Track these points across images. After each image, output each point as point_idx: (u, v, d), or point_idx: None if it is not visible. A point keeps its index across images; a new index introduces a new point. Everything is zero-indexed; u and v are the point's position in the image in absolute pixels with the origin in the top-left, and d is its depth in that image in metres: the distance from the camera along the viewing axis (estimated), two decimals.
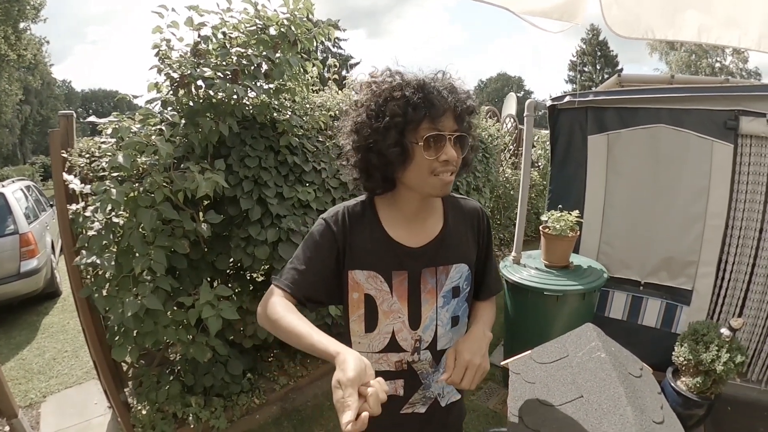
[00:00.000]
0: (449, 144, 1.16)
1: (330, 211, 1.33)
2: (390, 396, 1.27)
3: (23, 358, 4.50)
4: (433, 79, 1.18)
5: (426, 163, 1.16)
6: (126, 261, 2.49)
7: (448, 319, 1.35)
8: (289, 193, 3.02)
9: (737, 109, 3.05)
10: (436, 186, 1.19)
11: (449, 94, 1.15)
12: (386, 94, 1.16)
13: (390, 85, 1.17)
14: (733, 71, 28.54)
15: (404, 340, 1.31)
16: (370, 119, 1.18)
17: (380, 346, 1.31)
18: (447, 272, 1.33)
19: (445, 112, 1.15)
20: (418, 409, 1.39)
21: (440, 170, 1.17)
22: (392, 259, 1.28)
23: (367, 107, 1.20)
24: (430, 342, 1.33)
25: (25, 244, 5.51)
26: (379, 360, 1.32)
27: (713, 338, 2.80)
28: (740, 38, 1.95)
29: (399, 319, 1.29)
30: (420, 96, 1.13)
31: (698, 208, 3.24)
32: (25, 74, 26.49)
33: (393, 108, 1.14)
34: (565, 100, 3.59)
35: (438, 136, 1.14)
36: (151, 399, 2.93)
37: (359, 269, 1.27)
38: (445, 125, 1.15)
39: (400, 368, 1.33)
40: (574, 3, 2.03)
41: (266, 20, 2.83)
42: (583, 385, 1.42)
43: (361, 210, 1.31)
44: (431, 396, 1.39)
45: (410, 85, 1.15)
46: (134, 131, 2.43)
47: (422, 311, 1.31)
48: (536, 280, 3.09)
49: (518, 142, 8.03)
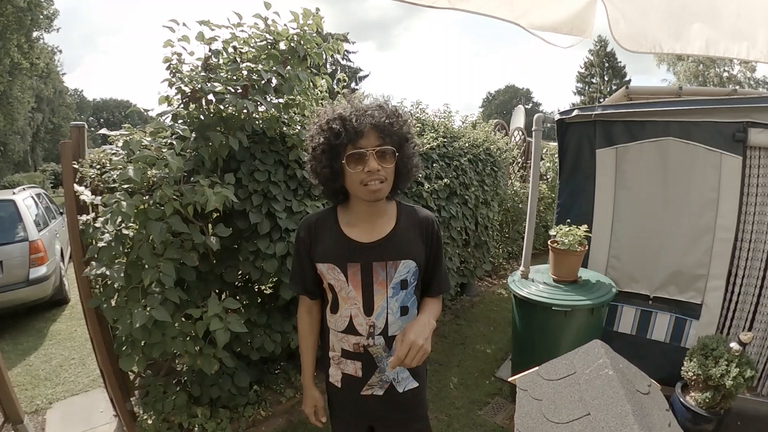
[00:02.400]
0: (372, 158, 1.42)
1: (303, 219, 1.68)
2: (350, 376, 1.65)
3: (30, 365, 4.51)
4: (354, 108, 1.46)
5: (354, 175, 1.44)
6: (135, 272, 2.50)
7: (397, 308, 1.58)
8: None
9: (746, 120, 3.04)
10: (366, 193, 1.46)
11: (368, 117, 1.42)
12: (318, 129, 1.50)
13: (318, 123, 1.51)
14: (741, 81, 28.40)
15: (360, 325, 1.57)
16: (313, 149, 1.52)
17: (342, 327, 1.60)
18: (396, 266, 1.55)
19: (362, 133, 1.41)
20: (377, 391, 1.65)
21: (367, 180, 1.43)
22: (346, 252, 1.55)
23: (310, 140, 1.53)
24: (383, 328, 1.57)
25: (35, 252, 5.55)
26: (342, 339, 1.62)
27: (722, 353, 2.78)
28: (748, 50, 1.96)
29: (355, 305, 1.56)
30: (338, 125, 1.43)
31: (707, 221, 3.22)
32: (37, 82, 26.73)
33: (321, 139, 1.47)
34: (573, 113, 3.59)
35: (358, 153, 1.42)
36: (158, 409, 2.93)
37: (322, 262, 1.57)
38: (366, 143, 1.42)
39: (358, 350, 1.60)
40: (582, 18, 2.05)
41: (276, 35, 2.85)
42: (590, 403, 1.42)
43: (325, 215, 1.63)
44: (387, 380, 1.64)
45: (333, 118, 1.46)
46: (145, 144, 2.45)
47: (374, 300, 1.55)
48: (544, 295, 3.08)
49: (527, 155, 8.03)
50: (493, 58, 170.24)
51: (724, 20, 2.00)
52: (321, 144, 1.47)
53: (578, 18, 2.03)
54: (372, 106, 1.46)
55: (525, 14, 1.98)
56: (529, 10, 2.00)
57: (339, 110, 1.47)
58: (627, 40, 2.02)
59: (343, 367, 1.65)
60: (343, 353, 1.63)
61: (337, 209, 1.63)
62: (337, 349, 1.65)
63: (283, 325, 3.19)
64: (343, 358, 1.64)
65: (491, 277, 6.80)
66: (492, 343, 4.64)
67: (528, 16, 1.99)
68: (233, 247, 3.04)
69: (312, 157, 1.53)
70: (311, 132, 1.54)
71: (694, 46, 2.01)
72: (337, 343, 1.64)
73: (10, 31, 18.77)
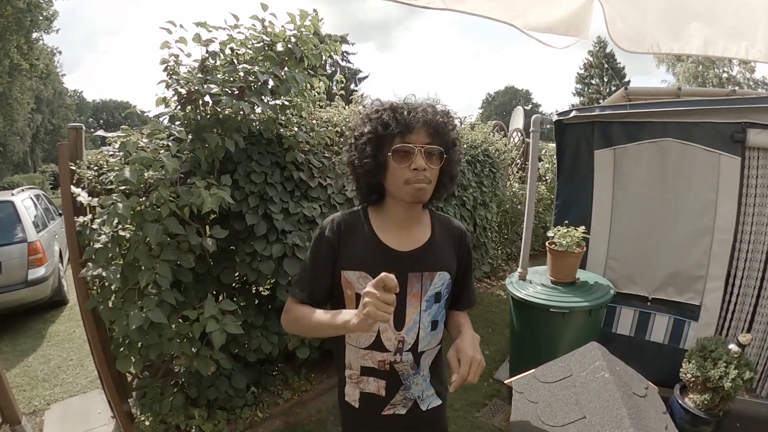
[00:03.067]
0: (419, 155, 1.32)
1: (326, 219, 1.50)
2: (372, 396, 1.49)
3: (28, 366, 4.51)
4: (406, 102, 1.38)
5: (399, 172, 1.33)
6: (132, 274, 2.50)
7: (429, 323, 1.46)
8: (294, 208, 3.03)
9: (744, 121, 3.04)
10: (410, 193, 1.34)
11: (421, 112, 1.33)
12: (367, 118, 1.39)
13: (370, 110, 1.40)
14: (740, 81, 28.39)
15: (388, 340, 1.42)
16: (356, 139, 1.41)
17: (366, 343, 1.43)
18: (432, 278, 1.44)
19: (414, 128, 1.32)
20: (399, 410, 1.50)
21: (412, 179, 1.32)
22: (382, 260, 1.37)
23: (353, 130, 1.43)
24: (413, 344, 1.44)
25: (33, 253, 5.54)
26: (365, 356, 1.45)
27: (721, 354, 2.78)
28: (747, 50, 1.94)
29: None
30: (389, 115, 1.33)
31: (706, 222, 3.22)
32: (37, 84, 26.73)
33: (369, 128, 1.36)
34: (572, 114, 3.58)
35: (404, 147, 1.32)
36: (155, 410, 2.93)
37: (351, 270, 1.40)
38: (416, 139, 1.32)
39: (383, 368, 1.45)
40: (578, 18, 2.03)
41: (273, 37, 2.85)
42: (586, 406, 1.41)
43: (355, 218, 1.48)
44: (411, 398, 1.50)
45: (384, 108, 1.36)
46: (141, 146, 2.45)
47: (407, 313, 1.42)
48: (542, 296, 3.07)
49: (526, 156, 8.03)
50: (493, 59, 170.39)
51: (722, 20, 1.99)
52: (367, 133, 1.36)
53: (574, 18, 2.02)
54: (425, 104, 1.38)
55: (521, 15, 1.96)
56: (525, 11, 1.98)
57: (390, 101, 1.39)
58: (624, 41, 2.01)
59: (363, 386, 1.49)
60: (364, 371, 1.47)
61: (368, 211, 1.49)
62: (355, 367, 1.48)
63: (280, 327, 3.18)
64: (364, 377, 1.48)
65: (490, 279, 6.78)
66: (490, 345, 4.63)
67: (524, 17, 1.97)
68: (230, 248, 3.04)
69: (354, 147, 1.41)
70: (355, 122, 1.45)
71: (692, 45, 2.00)
72: (356, 360, 1.47)
73: (10, 32, 18.76)
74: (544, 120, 3.71)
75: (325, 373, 3.85)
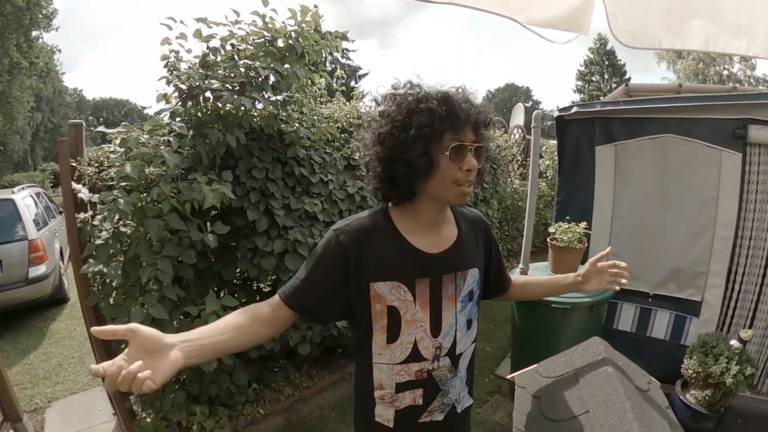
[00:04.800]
0: (470, 154, 1.20)
1: (341, 222, 1.30)
2: (408, 408, 1.33)
3: (29, 363, 4.52)
4: (456, 93, 1.23)
5: (450, 172, 1.19)
6: (133, 270, 2.50)
7: (464, 323, 1.36)
8: (296, 204, 3.03)
9: (745, 117, 3.03)
10: (458, 195, 1.23)
11: (470, 106, 1.20)
12: (411, 106, 1.19)
13: (415, 97, 1.20)
14: (741, 79, 28.38)
15: (425, 349, 1.29)
16: (396, 130, 1.20)
17: (402, 357, 1.29)
18: (465, 277, 1.35)
19: (467, 124, 1.19)
20: (437, 417, 1.37)
21: (463, 180, 1.21)
22: (415, 266, 1.27)
23: (392, 119, 1.21)
24: (450, 348, 1.33)
25: (34, 251, 5.56)
26: (401, 372, 1.30)
27: (723, 350, 2.77)
28: (748, 46, 1.94)
29: (421, 327, 1.28)
30: (445, 108, 1.16)
31: (707, 218, 3.21)
32: (36, 82, 26.71)
33: (419, 119, 1.17)
34: (573, 110, 3.58)
35: (461, 146, 1.18)
36: (156, 407, 2.92)
37: (381, 281, 1.24)
38: (467, 136, 1.20)
39: (420, 377, 1.31)
40: (580, 14, 2.03)
41: (274, 32, 2.85)
42: (589, 400, 1.41)
43: (376, 221, 1.30)
44: (449, 402, 1.38)
45: (435, 97, 1.18)
46: (142, 142, 2.44)
47: (442, 317, 1.31)
48: None
49: (526, 153, 8.02)
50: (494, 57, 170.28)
51: (723, 16, 1.99)
52: (420, 125, 1.16)
53: (575, 14, 2.02)
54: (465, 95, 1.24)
55: (522, 10, 1.96)
56: (526, 6, 1.98)
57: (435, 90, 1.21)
58: (626, 36, 2.01)
59: (398, 404, 1.32)
60: (400, 387, 1.31)
61: (390, 213, 1.32)
62: (388, 386, 1.31)
63: None
64: (399, 393, 1.31)
65: None
66: (491, 341, 4.63)
67: (525, 12, 1.97)
68: (231, 244, 3.04)
69: (394, 140, 1.20)
70: (389, 109, 1.23)
71: (693, 41, 2.00)
72: (389, 379, 1.30)
73: (9, 30, 18.78)
74: (545, 116, 3.71)
75: (327, 370, 3.85)
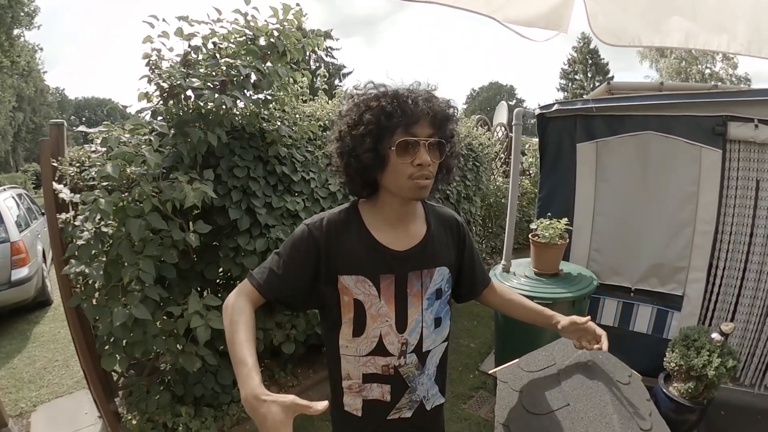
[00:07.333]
0: (423, 149, 1.21)
1: (313, 217, 1.35)
2: (376, 402, 1.38)
3: (14, 367, 4.45)
4: (409, 89, 1.25)
5: (401, 167, 1.22)
6: (115, 270, 2.48)
7: (431, 321, 1.38)
8: (277, 203, 3.02)
9: (725, 114, 3.07)
10: (413, 189, 1.24)
11: (425, 102, 1.22)
12: (364, 105, 1.24)
13: (368, 96, 1.25)
14: (723, 77, 28.71)
15: (391, 344, 1.32)
16: (350, 127, 1.25)
17: (367, 350, 1.33)
18: (431, 275, 1.36)
19: (419, 119, 1.21)
20: (405, 413, 1.40)
21: (416, 175, 1.22)
22: (380, 262, 1.30)
23: (348, 117, 1.26)
24: (416, 344, 1.35)
25: (16, 253, 5.47)
26: (367, 363, 1.34)
27: (704, 343, 2.81)
28: (728, 43, 1.96)
29: (386, 322, 1.31)
30: (394, 104, 1.20)
31: (687, 214, 3.25)
32: (18, 81, 26.33)
33: (368, 117, 1.21)
34: (554, 108, 3.60)
35: (411, 141, 1.20)
36: (141, 409, 2.90)
37: (347, 274, 1.29)
38: (420, 132, 1.21)
39: (387, 372, 1.35)
40: (559, 12, 2.04)
41: (256, 30, 2.83)
42: (569, 393, 1.42)
43: (346, 216, 1.34)
44: (417, 399, 1.41)
45: (386, 95, 1.22)
46: (123, 141, 2.42)
47: (408, 314, 1.33)
48: (526, 287, 3.08)
49: (509, 151, 8.07)
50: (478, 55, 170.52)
51: (703, 13, 2.00)
52: (366, 123, 1.21)
53: (554, 12, 2.03)
54: (426, 91, 1.27)
55: (501, 8, 1.96)
56: (506, 4, 1.98)
57: (389, 89, 1.25)
58: (606, 34, 2.02)
59: (366, 394, 1.37)
60: (366, 378, 1.35)
61: (360, 208, 1.37)
62: (355, 376, 1.35)
63: (266, 322, 3.18)
64: (366, 384, 1.36)
65: None
66: (475, 338, 4.65)
67: (504, 10, 1.97)
68: (213, 244, 3.03)
69: (347, 137, 1.25)
70: (347, 107, 1.29)
71: (673, 38, 2.02)
72: (356, 369, 1.35)
73: None
74: (526, 114, 3.73)
75: (311, 368, 3.84)
